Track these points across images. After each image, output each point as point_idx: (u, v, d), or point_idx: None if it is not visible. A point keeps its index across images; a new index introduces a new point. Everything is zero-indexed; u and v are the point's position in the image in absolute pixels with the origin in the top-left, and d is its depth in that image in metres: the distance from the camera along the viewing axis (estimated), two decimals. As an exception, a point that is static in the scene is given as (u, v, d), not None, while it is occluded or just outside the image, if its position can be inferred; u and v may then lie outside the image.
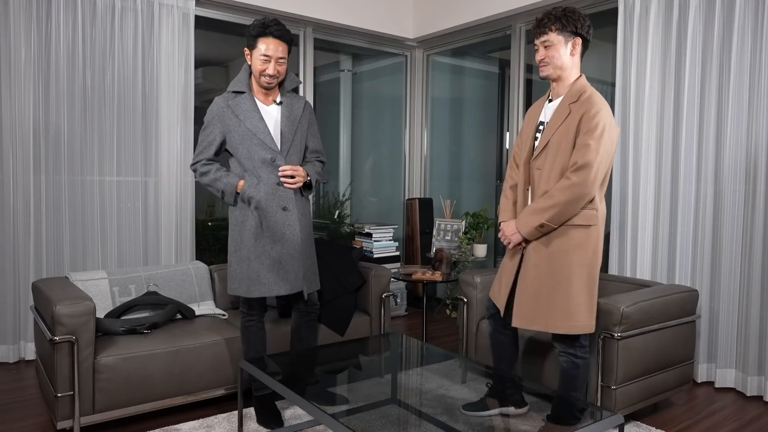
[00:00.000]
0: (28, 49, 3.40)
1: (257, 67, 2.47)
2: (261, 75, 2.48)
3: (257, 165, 2.51)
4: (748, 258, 3.11)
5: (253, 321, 2.62)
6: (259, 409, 2.61)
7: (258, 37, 2.45)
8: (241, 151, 2.52)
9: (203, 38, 4.36)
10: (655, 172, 3.43)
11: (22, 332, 3.50)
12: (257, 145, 2.50)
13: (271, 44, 2.45)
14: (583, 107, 2.21)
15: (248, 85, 2.55)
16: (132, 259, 3.77)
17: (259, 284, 2.51)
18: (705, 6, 3.22)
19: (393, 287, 4.70)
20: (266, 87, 2.52)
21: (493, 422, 2.00)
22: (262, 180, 2.52)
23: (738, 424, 2.76)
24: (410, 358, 2.59)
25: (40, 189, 3.49)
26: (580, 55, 2.33)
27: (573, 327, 2.24)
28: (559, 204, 2.19)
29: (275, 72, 2.48)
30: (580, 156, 2.17)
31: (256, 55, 2.47)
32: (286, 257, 2.53)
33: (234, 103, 2.51)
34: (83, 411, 2.46)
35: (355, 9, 4.74)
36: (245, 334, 2.64)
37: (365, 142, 5.71)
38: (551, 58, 2.29)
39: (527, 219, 2.25)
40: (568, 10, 2.28)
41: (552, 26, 2.27)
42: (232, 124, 2.51)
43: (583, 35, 2.28)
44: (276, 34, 2.45)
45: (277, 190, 2.53)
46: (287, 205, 2.54)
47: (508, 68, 4.57)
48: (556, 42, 2.28)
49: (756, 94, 3.04)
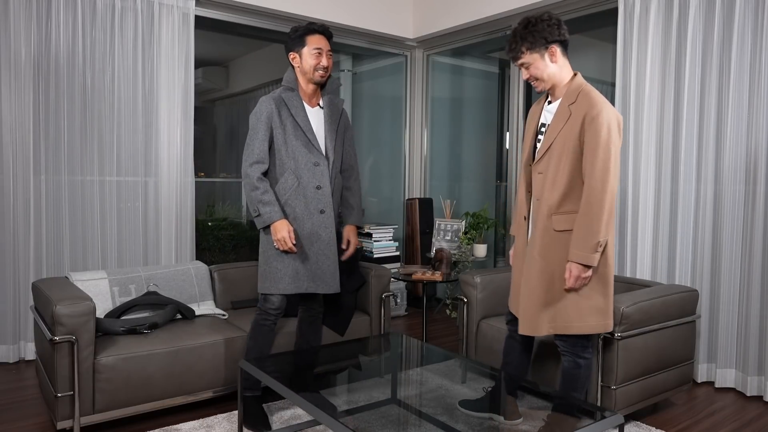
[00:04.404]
0: (28, 49, 3.40)
1: (310, 62, 2.57)
2: (315, 70, 2.58)
3: (300, 166, 2.57)
4: (748, 258, 3.11)
5: (269, 321, 2.63)
6: (247, 410, 2.61)
7: (305, 36, 2.58)
8: (285, 150, 2.56)
9: (203, 38, 4.36)
10: (655, 172, 3.43)
11: (22, 332, 3.51)
12: (303, 145, 2.57)
13: (321, 39, 2.59)
14: (583, 108, 2.19)
15: (297, 86, 2.63)
16: (132, 259, 3.77)
17: (297, 282, 2.57)
18: (705, 6, 3.22)
19: (393, 287, 4.70)
20: (318, 82, 2.61)
21: (493, 422, 2.00)
22: (302, 181, 2.57)
23: (738, 424, 2.76)
24: (410, 358, 2.59)
25: (40, 189, 3.49)
26: (564, 56, 2.27)
27: (586, 327, 2.22)
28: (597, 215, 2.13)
29: (328, 63, 2.60)
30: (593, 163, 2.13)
31: (307, 52, 2.57)
32: (323, 258, 2.60)
33: (286, 96, 2.59)
34: (83, 411, 2.46)
35: (355, 9, 4.74)
36: (256, 330, 2.64)
37: (365, 142, 5.71)
38: (536, 75, 2.26)
39: (579, 252, 2.15)
40: (531, 24, 2.22)
41: (522, 47, 2.24)
42: (282, 117, 2.56)
43: (556, 39, 2.23)
44: (321, 31, 2.60)
45: (316, 194, 2.59)
46: (325, 208, 2.60)
47: (508, 68, 4.58)
48: (532, 61, 2.24)
49: (756, 94, 3.04)
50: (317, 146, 2.59)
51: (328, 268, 2.61)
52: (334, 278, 2.63)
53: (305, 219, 2.58)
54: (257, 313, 2.65)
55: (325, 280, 2.61)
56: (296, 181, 2.56)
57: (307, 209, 2.58)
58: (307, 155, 2.57)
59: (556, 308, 2.25)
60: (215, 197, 5.64)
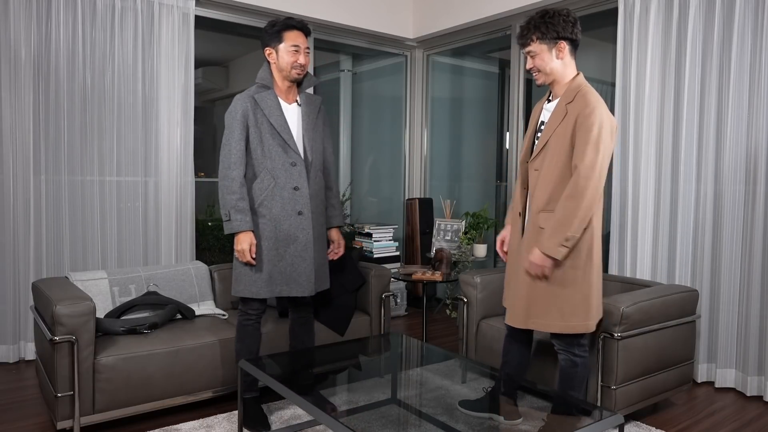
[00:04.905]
0: (28, 49, 3.40)
1: (288, 59, 2.51)
2: (292, 67, 2.51)
3: (277, 166, 2.51)
4: (748, 258, 3.11)
5: (251, 321, 2.62)
6: (246, 411, 2.61)
7: (282, 31, 2.51)
8: (261, 150, 2.50)
9: (203, 38, 4.36)
10: (655, 172, 3.43)
11: (22, 332, 3.50)
12: (279, 145, 2.50)
13: (298, 35, 2.52)
14: (578, 107, 2.20)
15: (272, 83, 2.57)
16: (132, 259, 3.77)
17: (270, 285, 2.52)
18: (705, 6, 3.22)
19: (393, 287, 4.70)
20: (295, 79, 2.55)
21: (493, 422, 2.00)
22: (279, 182, 2.51)
23: (738, 424, 2.76)
24: (410, 358, 2.59)
25: (40, 189, 3.49)
26: (571, 55, 2.29)
27: (567, 327, 2.24)
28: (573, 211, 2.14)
29: (306, 61, 2.54)
30: (581, 159, 2.15)
31: (284, 49, 2.51)
32: (298, 260, 2.54)
33: (259, 96, 2.51)
34: (83, 411, 2.46)
35: (355, 9, 4.74)
36: (241, 332, 2.63)
37: (365, 142, 5.71)
38: (539, 67, 2.28)
39: (549, 242, 2.18)
40: (548, 15, 2.24)
41: (533, 36, 2.25)
42: (257, 116, 2.50)
43: (567, 37, 2.24)
44: (299, 27, 2.54)
45: (294, 195, 2.53)
46: (303, 209, 2.54)
47: (508, 68, 4.57)
48: (539, 51, 2.25)
49: (756, 94, 3.04)
50: (294, 147, 2.52)
51: (304, 271, 2.55)
52: (309, 281, 2.56)
53: (282, 220, 2.52)
54: (239, 315, 2.63)
55: (300, 282, 2.55)
56: (273, 181, 2.51)
57: (284, 210, 2.52)
58: (284, 156, 2.51)
59: (540, 306, 2.27)
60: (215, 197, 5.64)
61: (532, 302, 2.28)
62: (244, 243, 2.45)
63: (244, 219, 2.45)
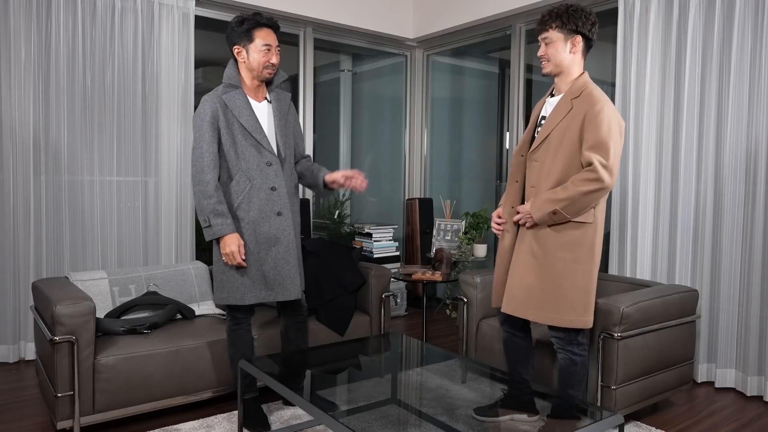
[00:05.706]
0: (28, 49, 3.40)
1: (259, 59, 2.44)
2: (264, 67, 2.45)
3: (252, 167, 2.44)
4: (748, 258, 3.11)
5: (242, 325, 2.59)
6: (246, 411, 2.61)
7: (253, 30, 2.43)
8: (234, 152, 2.43)
9: (203, 38, 4.35)
10: (655, 172, 3.43)
11: (22, 332, 3.50)
12: (253, 146, 2.44)
13: (269, 34, 2.45)
14: (585, 103, 2.22)
15: (240, 82, 2.50)
16: (132, 259, 3.77)
17: (254, 291, 2.47)
18: (705, 6, 3.22)
19: (393, 287, 4.70)
20: (266, 79, 2.49)
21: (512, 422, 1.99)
22: (255, 183, 2.45)
23: (738, 424, 2.76)
24: (410, 358, 2.59)
25: (40, 189, 3.49)
26: (583, 53, 2.33)
27: (564, 320, 2.24)
28: (577, 194, 2.18)
29: (277, 61, 2.48)
30: (595, 153, 2.16)
31: (255, 48, 2.43)
32: (282, 263, 2.49)
33: (228, 97, 2.43)
34: (83, 411, 2.46)
35: (355, 9, 4.74)
36: (233, 337, 2.60)
37: (365, 142, 5.71)
38: (550, 56, 2.31)
39: (542, 205, 2.24)
40: (572, 8, 2.28)
41: (553, 23, 2.29)
42: (228, 117, 2.42)
43: (585, 33, 2.29)
44: (269, 24, 2.46)
45: (271, 195, 2.47)
46: (282, 210, 2.49)
47: (508, 68, 4.57)
48: (555, 39, 2.29)
49: (756, 94, 3.04)
50: (267, 147, 2.45)
51: (288, 273, 2.49)
52: (295, 284, 2.50)
53: (261, 222, 2.45)
54: (228, 321, 2.60)
55: (285, 286, 2.49)
56: (249, 183, 2.44)
57: (263, 212, 2.45)
58: (258, 156, 2.44)
59: (539, 297, 2.28)
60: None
61: (531, 293, 2.30)
62: (232, 245, 2.38)
63: (225, 222, 2.38)
